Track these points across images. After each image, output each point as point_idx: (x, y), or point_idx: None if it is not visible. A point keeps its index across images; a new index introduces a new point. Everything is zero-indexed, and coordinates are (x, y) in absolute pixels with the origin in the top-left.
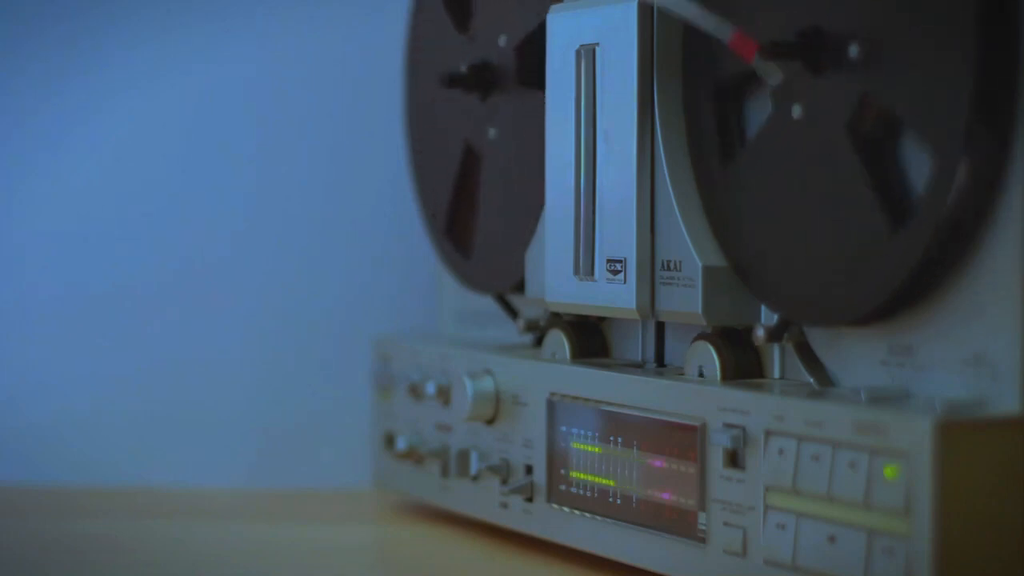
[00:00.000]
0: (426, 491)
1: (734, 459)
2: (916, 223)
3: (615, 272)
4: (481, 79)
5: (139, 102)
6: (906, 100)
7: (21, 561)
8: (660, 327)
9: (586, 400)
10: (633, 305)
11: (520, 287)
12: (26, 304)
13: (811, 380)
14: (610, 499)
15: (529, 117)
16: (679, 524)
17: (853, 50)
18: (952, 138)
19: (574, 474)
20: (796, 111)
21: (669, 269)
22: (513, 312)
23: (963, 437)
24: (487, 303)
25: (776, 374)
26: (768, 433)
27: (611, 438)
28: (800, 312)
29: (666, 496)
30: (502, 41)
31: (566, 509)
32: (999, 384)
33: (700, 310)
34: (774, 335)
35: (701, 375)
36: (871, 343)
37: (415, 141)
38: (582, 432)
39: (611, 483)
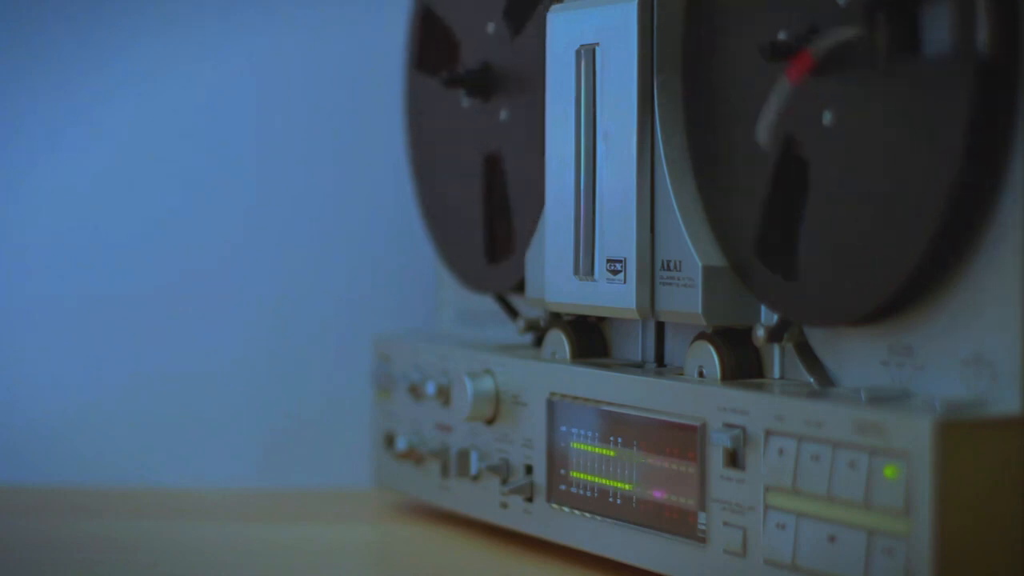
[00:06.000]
0: (426, 491)
1: (734, 459)
2: (916, 223)
3: (615, 272)
4: (481, 80)
5: (139, 103)
6: (906, 100)
7: (21, 561)
8: (660, 327)
9: (586, 400)
10: (633, 305)
11: (520, 287)
12: (26, 304)
13: (811, 380)
14: (610, 499)
15: (531, 113)
16: (679, 524)
17: (854, 52)
18: (952, 137)
19: (574, 474)
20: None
21: (669, 269)
22: (513, 312)
23: (963, 437)
24: (487, 303)
25: (776, 374)
26: (768, 433)
27: (611, 438)
28: (800, 312)
29: (666, 496)
30: (491, 28)
31: (566, 509)
32: (999, 384)
33: (700, 310)
34: (774, 335)
35: (701, 375)
36: (871, 343)
37: (416, 142)
38: (582, 432)
39: (611, 483)
